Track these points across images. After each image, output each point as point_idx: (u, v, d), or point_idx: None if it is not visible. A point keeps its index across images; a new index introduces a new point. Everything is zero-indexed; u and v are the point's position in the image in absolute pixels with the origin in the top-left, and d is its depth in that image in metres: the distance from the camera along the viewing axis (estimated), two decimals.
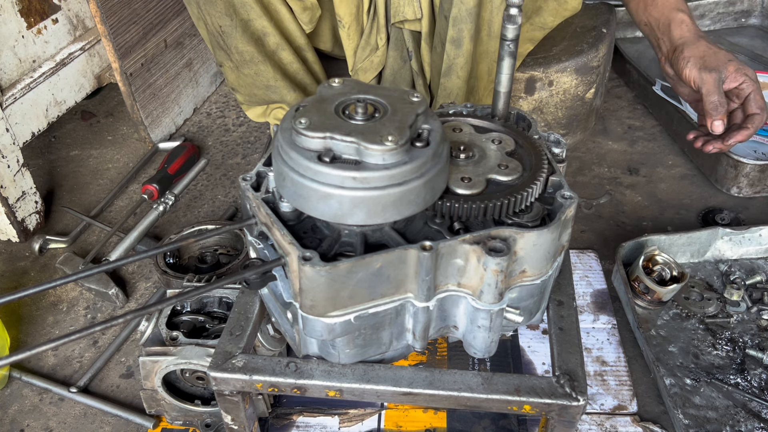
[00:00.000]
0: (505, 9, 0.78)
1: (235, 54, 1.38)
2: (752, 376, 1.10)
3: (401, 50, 1.42)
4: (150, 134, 1.72)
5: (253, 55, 1.37)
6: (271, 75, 1.40)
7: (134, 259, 0.76)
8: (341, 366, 0.75)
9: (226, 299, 1.07)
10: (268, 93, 1.44)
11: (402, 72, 1.43)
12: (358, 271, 0.66)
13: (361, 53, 1.41)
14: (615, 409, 1.07)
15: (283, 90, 1.42)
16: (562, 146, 0.85)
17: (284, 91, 1.42)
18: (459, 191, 0.73)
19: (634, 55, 1.95)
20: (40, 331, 1.27)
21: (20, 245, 1.46)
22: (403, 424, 1.07)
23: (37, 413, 1.12)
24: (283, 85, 1.42)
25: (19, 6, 1.44)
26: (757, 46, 2.02)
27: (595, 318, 1.22)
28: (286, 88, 1.42)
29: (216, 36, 1.38)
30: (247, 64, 1.39)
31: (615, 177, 1.57)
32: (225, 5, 1.31)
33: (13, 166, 1.39)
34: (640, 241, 1.26)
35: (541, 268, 0.73)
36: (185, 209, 1.55)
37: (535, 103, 1.53)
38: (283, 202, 0.74)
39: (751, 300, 1.22)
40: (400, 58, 1.42)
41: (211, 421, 1.06)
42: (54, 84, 1.52)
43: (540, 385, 0.73)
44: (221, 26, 1.35)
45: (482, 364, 1.15)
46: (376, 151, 0.64)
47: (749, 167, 1.44)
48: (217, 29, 1.36)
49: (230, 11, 1.32)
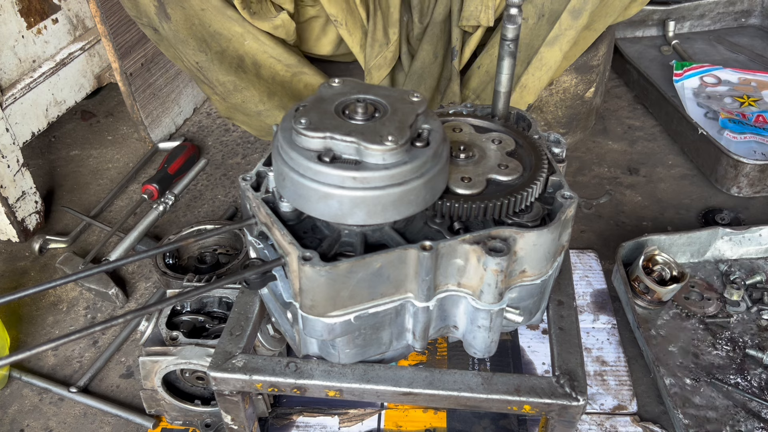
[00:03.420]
0: (504, 9, 0.78)
1: (218, 86, 1.40)
2: (752, 376, 1.10)
3: (435, 45, 1.40)
4: (150, 134, 1.72)
5: (235, 83, 1.39)
6: (257, 98, 1.41)
7: (134, 259, 0.76)
8: (341, 366, 0.75)
9: (226, 299, 1.07)
10: (260, 119, 1.46)
11: (432, 68, 1.42)
12: (358, 271, 0.66)
13: (371, 50, 1.40)
14: (615, 409, 1.07)
15: (274, 111, 1.43)
16: (562, 146, 0.85)
17: (276, 112, 1.43)
18: (459, 191, 0.73)
19: (634, 55, 1.95)
20: (40, 331, 1.27)
21: (20, 245, 1.46)
22: (403, 424, 1.07)
23: (37, 413, 1.12)
24: (272, 105, 1.42)
25: (19, 6, 1.44)
26: (757, 46, 2.02)
27: (595, 318, 1.22)
28: (276, 108, 1.43)
29: (195, 72, 1.39)
30: (232, 94, 1.40)
31: (615, 177, 1.57)
32: (196, 42, 1.33)
33: (13, 166, 1.39)
34: (640, 241, 1.26)
35: (541, 268, 0.73)
36: (185, 209, 1.54)
37: (535, 102, 1.53)
38: (283, 202, 0.74)
39: (751, 300, 1.22)
40: (432, 53, 1.41)
41: (211, 421, 1.05)
42: (54, 84, 1.52)
43: (540, 385, 0.73)
44: (197, 62, 1.37)
45: (482, 364, 1.15)
46: (376, 151, 0.64)
47: (749, 167, 1.44)
48: (194, 66, 1.38)
49: (203, 46, 1.34)
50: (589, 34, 1.37)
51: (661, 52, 2.01)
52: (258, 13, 1.31)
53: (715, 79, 1.82)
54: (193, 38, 1.32)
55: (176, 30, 1.31)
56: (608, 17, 1.35)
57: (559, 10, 1.27)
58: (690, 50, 2.01)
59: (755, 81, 1.81)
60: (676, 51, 2.00)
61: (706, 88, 1.80)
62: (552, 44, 1.29)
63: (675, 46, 2.01)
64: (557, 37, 1.28)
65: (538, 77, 1.33)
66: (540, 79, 1.34)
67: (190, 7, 1.29)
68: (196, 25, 1.31)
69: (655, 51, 2.02)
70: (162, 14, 1.30)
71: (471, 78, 1.42)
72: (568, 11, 1.25)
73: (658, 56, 1.99)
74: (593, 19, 1.33)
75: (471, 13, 1.31)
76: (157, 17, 1.30)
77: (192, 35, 1.32)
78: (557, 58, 1.30)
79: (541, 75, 1.33)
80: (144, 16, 1.33)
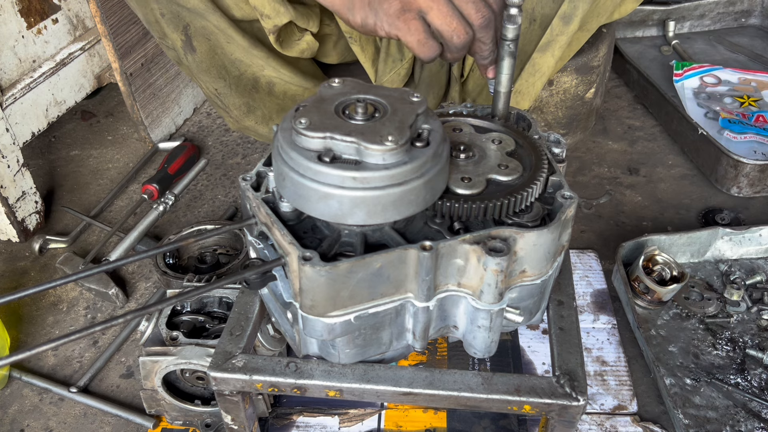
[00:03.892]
0: (504, 9, 0.78)
1: (234, 110, 1.41)
2: (752, 376, 1.10)
3: None
4: (150, 134, 1.72)
5: (249, 104, 1.39)
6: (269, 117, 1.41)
7: (134, 259, 0.76)
8: (341, 366, 0.75)
9: (226, 299, 1.07)
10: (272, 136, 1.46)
11: (439, 75, 1.42)
12: (358, 271, 0.66)
13: (383, 66, 1.39)
14: (615, 409, 1.07)
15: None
16: (562, 146, 0.85)
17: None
18: (459, 191, 0.73)
19: (634, 55, 1.95)
20: (40, 331, 1.27)
21: (20, 245, 1.46)
22: (403, 424, 1.07)
23: (37, 413, 1.12)
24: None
25: (19, 6, 1.44)
26: (757, 46, 2.02)
27: (595, 318, 1.22)
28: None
29: (213, 98, 1.40)
30: (246, 117, 1.41)
31: (615, 177, 1.57)
32: (217, 70, 1.34)
33: (13, 166, 1.39)
34: (640, 241, 1.26)
35: (541, 268, 0.73)
36: (185, 209, 1.55)
37: (535, 102, 1.53)
38: (283, 202, 0.74)
39: (751, 300, 1.22)
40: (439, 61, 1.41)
41: (211, 421, 1.05)
42: (54, 84, 1.52)
43: (540, 385, 0.73)
44: (216, 89, 1.37)
45: (482, 364, 1.15)
46: (376, 151, 0.64)
47: (749, 167, 1.44)
48: (213, 92, 1.38)
49: (222, 73, 1.34)
50: (581, 34, 1.37)
51: (661, 52, 2.01)
52: (285, 40, 1.31)
53: (715, 79, 1.82)
54: (214, 67, 1.34)
55: (200, 61, 1.33)
56: (600, 17, 1.35)
57: (551, 15, 1.26)
58: (690, 50, 2.01)
59: (755, 81, 1.81)
60: (676, 51, 2.00)
61: (706, 88, 1.80)
62: (544, 50, 1.29)
63: (675, 46, 2.01)
64: (549, 43, 1.27)
65: (531, 83, 1.33)
66: (534, 85, 1.34)
67: (216, 40, 1.30)
68: (219, 54, 1.32)
69: (655, 51, 2.02)
70: (188, 48, 1.31)
71: (467, 81, 1.42)
72: (559, 17, 1.25)
73: (658, 56, 1.99)
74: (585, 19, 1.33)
75: None
76: (183, 50, 1.32)
77: (213, 65, 1.33)
78: (550, 63, 1.30)
79: (535, 81, 1.33)
80: (170, 47, 1.34)
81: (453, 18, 0.84)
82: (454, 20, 0.84)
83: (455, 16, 0.85)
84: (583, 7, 1.23)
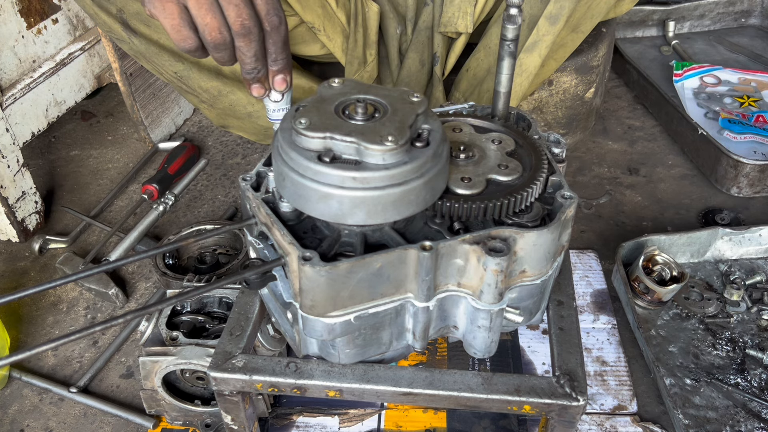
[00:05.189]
0: (504, 9, 0.78)
1: (203, 93, 1.38)
2: (752, 376, 1.10)
3: (422, 53, 1.40)
4: (150, 134, 1.72)
5: (219, 88, 1.37)
6: (245, 101, 1.39)
7: (134, 259, 0.76)
8: (341, 366, 0.75)
9: (226, 299, 1.07)
10: (252, 121, 1.44)
11: (419, 75, 1.42)
12: (358, 271, 0.66)
13: (350, 67, 1.40)
14: (615, 409, 1.07)
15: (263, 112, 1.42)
16: (562, 146, 0.85)
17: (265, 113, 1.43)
18: (459, 191, 0.73)
19: (634, 55, 1.95)
20: (40, 331, 1.27)
21: (20, 245, 1.46)
22: (403, 424, 1.07)
23: (37, 413, 1.12)
24: (262, 106, 1.41)
25: (19, 6, 1.44)
26: (757, 46, 2.02)
27: (595, 318, 1.22)
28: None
29: (176, 82, 1.38)
30: (218, 99, 1.38)
31: (615, 177, 1.57)
32: (170, 54, 1.32)
33: (13, 166, 1.39)
34: (640, 241, 1.26)
35: (541, 268, 0.73)
36: (185, 209, 1.54)
37: (535, 102, 1.53)
38: (283, 202, 0.74)
39: (751, 300, 1.22)
40: (418, 60, 1.41)
41: (211, 421, 1.05)
42: (54, 84, 1.52)
43: (540, 385, 0.73)
44: (176, 72, 1.35)
45: (482, 364, 1.15)
46: (376, 151, 0.64)
47: (749, 167, 1.44)
48: (174, 76, 1.36)
49: (178, 57, 1.32)
50: (576, 36, 1.38)
51: (661, 52, 2.01)
52: None
53: (715, 79, 1.82)
54: (165, 51, 1.31)
55: (147, 43, 1.30)
56: (594, 18, 1.36)
57: (537, 15, 1.27)
58: (690, 50, 2.01)
59: (755, 81, 1.81)
60: (676, 51, 2.00)
61: (706, 88, 1.80)
62: (531, 50, 1.29)
63: (675, 46, 2.01)
64: (536, 43, 1.28)
65: (518, 83, 1.34)
66: (521, 85, 1.34)
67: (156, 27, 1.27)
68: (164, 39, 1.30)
69: (655, 51, 2.02)
70: (129, 31, 1.29)
71: (460, 81, 1.42)
72: (545, 17, 1.26)
73: (658, 56, 1.99)
74: (579, 22, 1.33)
75: (449, 19, 1.31)
76: (126, 33, 1.29)
77: (163, 48, 1.31)
78: (536, 63, 1.31)
79: (522, 81, 1.34)
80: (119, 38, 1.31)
81: (209, 13, 0.77)
82: (208, 15, 0.77)
83: (212, 12, 0.77)
84: (569, 7, 1.24)
